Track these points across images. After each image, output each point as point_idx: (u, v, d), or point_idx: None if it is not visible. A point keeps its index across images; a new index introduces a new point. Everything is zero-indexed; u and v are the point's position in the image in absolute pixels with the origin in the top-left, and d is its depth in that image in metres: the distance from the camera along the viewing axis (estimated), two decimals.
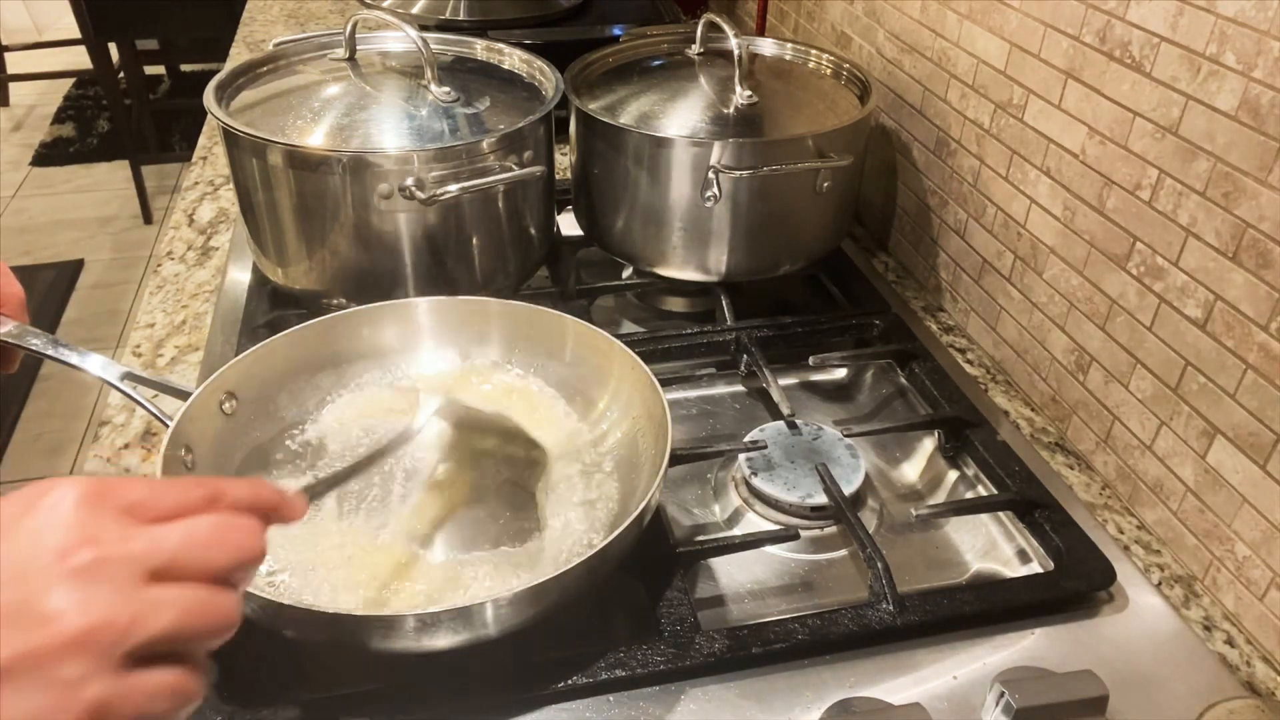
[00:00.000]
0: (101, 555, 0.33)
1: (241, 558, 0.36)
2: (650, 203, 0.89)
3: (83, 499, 0.34)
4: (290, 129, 0.80)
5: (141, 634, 0.33)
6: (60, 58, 3.73)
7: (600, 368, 0.74)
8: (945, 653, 0.62)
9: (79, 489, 0.34)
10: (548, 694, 0.58)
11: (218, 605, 0.35)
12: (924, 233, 1.02)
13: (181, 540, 0.35)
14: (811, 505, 0.73)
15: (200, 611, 0.34)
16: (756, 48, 1.04)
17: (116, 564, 0.33)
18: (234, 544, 0.36)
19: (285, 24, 1.72)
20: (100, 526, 0.34)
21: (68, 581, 0.32)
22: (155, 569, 0.34)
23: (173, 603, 0.34)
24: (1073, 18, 0.76)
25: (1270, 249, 0.61)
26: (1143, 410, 0.73)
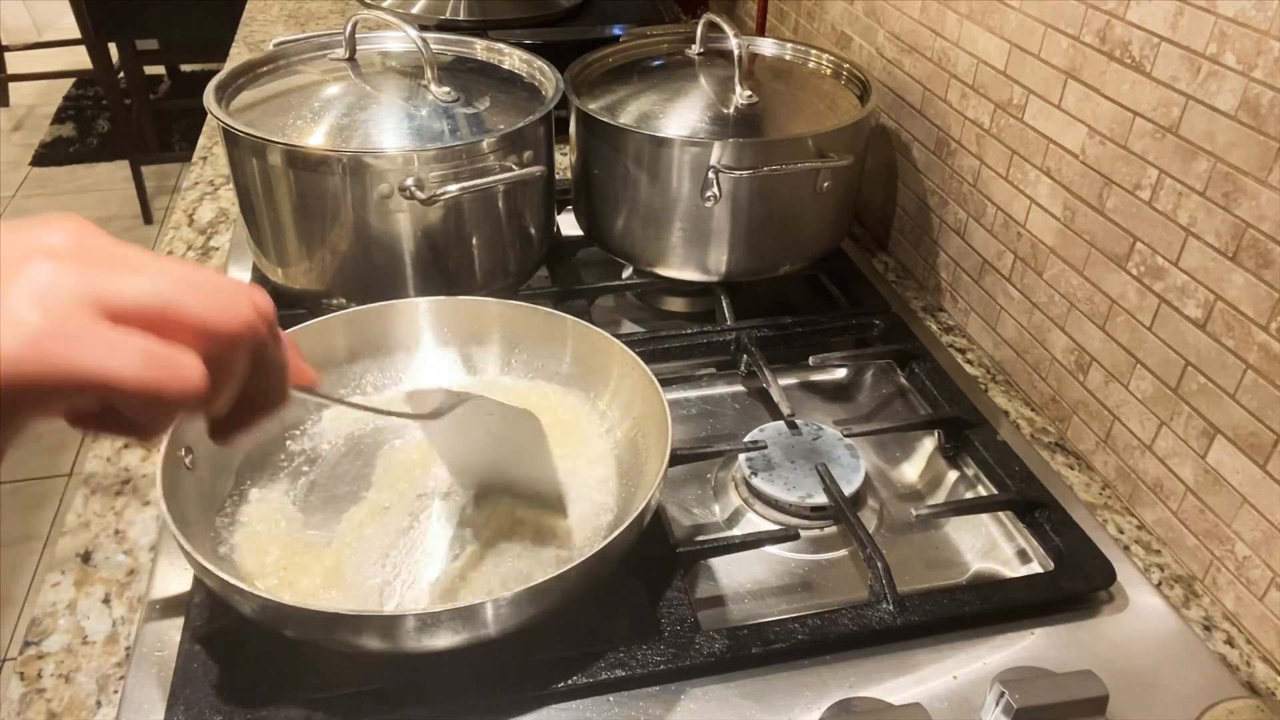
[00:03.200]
0: (65, 273, 0.29)
1: (223, 326, 0.32)
2: (650, 203, 0.89)
3: (81, 224, 0.31)
4: (290, 129, 0.80)
5: (75, 366, 0.28)
6: (60, 58, 3.72)
7: (600, 368, 0.74)
8: (945, 653, 0.62)
9: (78, 221, 0.31)
10: (548, 694, 0.58)
11: (175, 362, 0.30)
12: (924, 233, 1.02)
13: (153, 284, 0.31)
14: (811, 505, 0.73)
15: (158, 364, 0.30)
16: (756, 48, 1.04)
17: (79, 284, 0.29)
18: (209, 306, 0.32)
19: (285, 24, 1.72)
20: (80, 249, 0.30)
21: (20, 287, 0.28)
22: (119, 308, 0.30)
23: (124, 346, 0.29)
24: (1073, 18, 0.76)
25: (1270, 249, 0.61)
26: (1143, 410, 0.73)
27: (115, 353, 0.29)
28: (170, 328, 0.31)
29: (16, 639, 1.81)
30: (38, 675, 0.60)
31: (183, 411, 0.31)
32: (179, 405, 0.31)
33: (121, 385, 0.29)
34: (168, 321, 0.31)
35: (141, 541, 0.69)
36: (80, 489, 0.74)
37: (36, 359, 0.28)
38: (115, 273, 0.30)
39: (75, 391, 0.29)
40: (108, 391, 0.29)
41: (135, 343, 0.30)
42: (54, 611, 0.64)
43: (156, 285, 0.31)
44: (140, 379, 0.29)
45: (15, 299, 0.28)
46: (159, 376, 0.30)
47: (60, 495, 2.12)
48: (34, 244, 0.30)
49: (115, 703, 0.58)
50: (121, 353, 0.29)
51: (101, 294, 0.30)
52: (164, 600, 0.64)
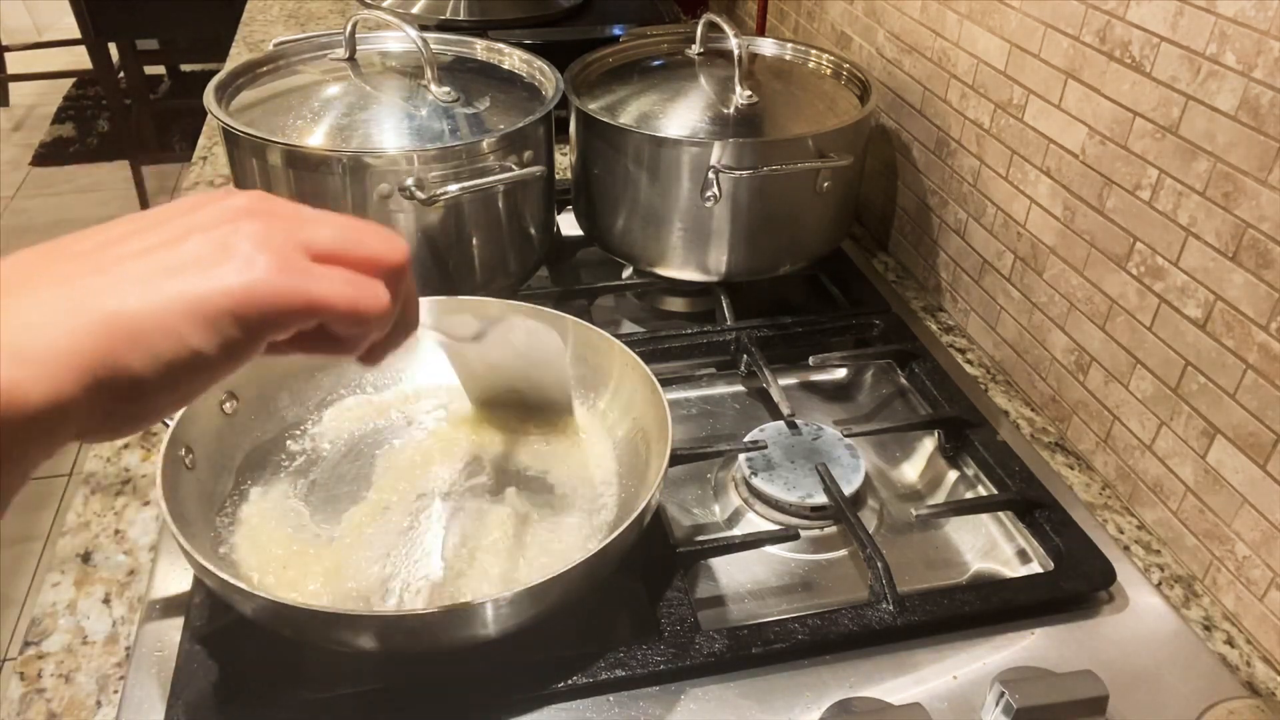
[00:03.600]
0: (271, 224, 0.35)
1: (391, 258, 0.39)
2: (650, 203, 0.89)
3: (258, 191, 0.38)
4: (290, 129, 0.80)
5: (304, 293, 0.35)
6: (60, 58, 3.72)
7: (600, 368, 0.74)
8: (945, 653, 0.62)
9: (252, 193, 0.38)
10: (548, 694, 0.58)
11: (371, 286, 0.37)
12: (924, 233, 1.02)
13: (336, 229, 0.37)
14: (811, 505, 0.73)
15: (360, 288, 0.36)
16: (756, 48, 1.04)
17: (284, 232, 0.35)
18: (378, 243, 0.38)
19: (285, 24, 1.72)
20: (270, 208, 0.37)
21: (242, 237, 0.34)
22: (317, 250, 0.36)
23: (333, 276, 0.36)
24: (1073, 18, 0.76)
25: (1270, 249, 0.61)
26: (1143, 410, 0.73)
27: (331, 282, 0.36)
28: (355, 263, 0.37)
29: (16, 639, 1.81)
30: (38, 675, 0.60)
31: (374, 328, 0.38)
32: (377, 321, 0.37)
33: (339, 307, 0.36)
34: (353, 258, 0.37)
35: (141, 541, 0.69)
36: (80, 489, 0.74)
37: (277, 286, 0.34)
38: (306, 222, 0.37)
39: (305, 313, 0.35)
40: (328, 312, 0.35)
41: (341, 274, 0.36)
42: (54, 611, 0.64)
43: (340, 229, 0.37)
44: (352, 301, 0.36)
45: (244, 246, 0.34)
46: (364, 298, 0.36)
47: (60, 495, 2.11)
48: (232, 206, 0.36)
49: (115, 703, 0.58)
50: (335, 282, 0.36)
51: (304, 239, 0.36)
52: (164, 600, 0.64)
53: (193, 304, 0.32)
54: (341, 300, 0.36)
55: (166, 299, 0.32)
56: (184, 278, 0.33)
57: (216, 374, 0.34)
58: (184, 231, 0.34)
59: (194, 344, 0.32)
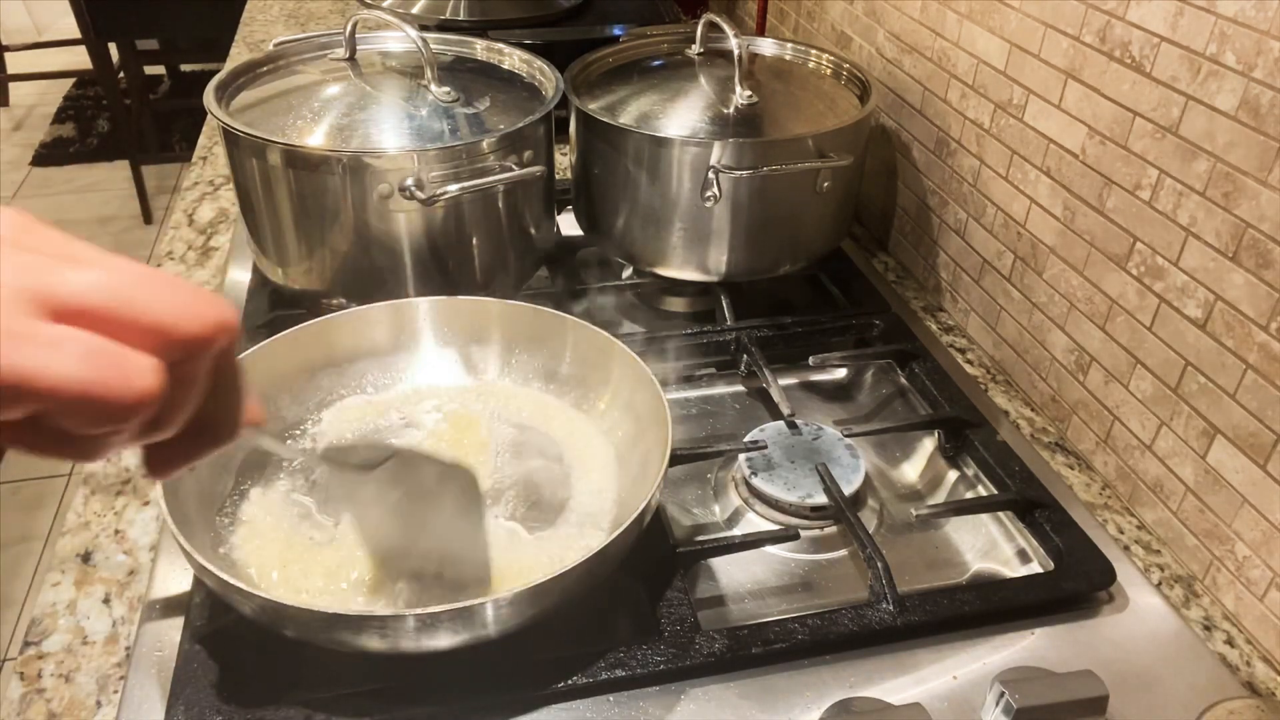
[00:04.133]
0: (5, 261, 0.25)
1: (187, 328, 0.28)
2: (650, 203, 0.89)
3: (22, 213, 0.28)
4: (290, 129, 0.80)
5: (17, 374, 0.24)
6: (60, 58, 3.72)
7: (600, 368, 0.74)
8: (945, 653, 0.62)
9: (18, 211, 0.28)
10: (548, 694, 0.58)
11: (127, 364, 0.26)
12: (924, 233, 1.02)
13: (104, 278, 0.27)
14: (811, 505, 0.73)
15: (104, 363, 0.26)
16: (756, 48, 1.04)
17: (16, 274, 0.25)
18: (170, 305, 0.28)
19: (285, 24, 1.72)
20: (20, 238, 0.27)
21: None
22: (63, 305, 0.26)
23: (63, 342, 0.25)
24: (1073, 18, 0.76)
25: (1270, 249, 0.61)
26: (1143, 410, 0.73)
27: (56, 351, 0.25)
28: (121, 327, 0.27)
29: (16, 639, 1.81)
30: (38, 675, 0.60)
31: (129, 422, 0.27)
32: (127, 413, 0.26)
33: (58, 387, 0.25)
34: (119, 320, 0.27)
35: (141, 541, 0.69)
36: (80, 489, 0.74)
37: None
38: (60, 265, 0.27)
39: (8, 394, 0.25)
40: (45, 395, 0.25)
41: (80, 341, 0.26)
42: (54, 611, 0.64)
43: (107, 279, 0.27)
44: (81, 380, 0.25)
45: None
46: (104, 378, 0.26)
47: (60, 495, 2.12)
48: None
49: (115, 703, 0.58)
50: (64, 352, 0.25)
51: (44, 287, 0.26)
52: (164, 600, 0.64)
53: None
54: (65, 379, 0.25)
55: None
56: None
57: None
58: None
59: None
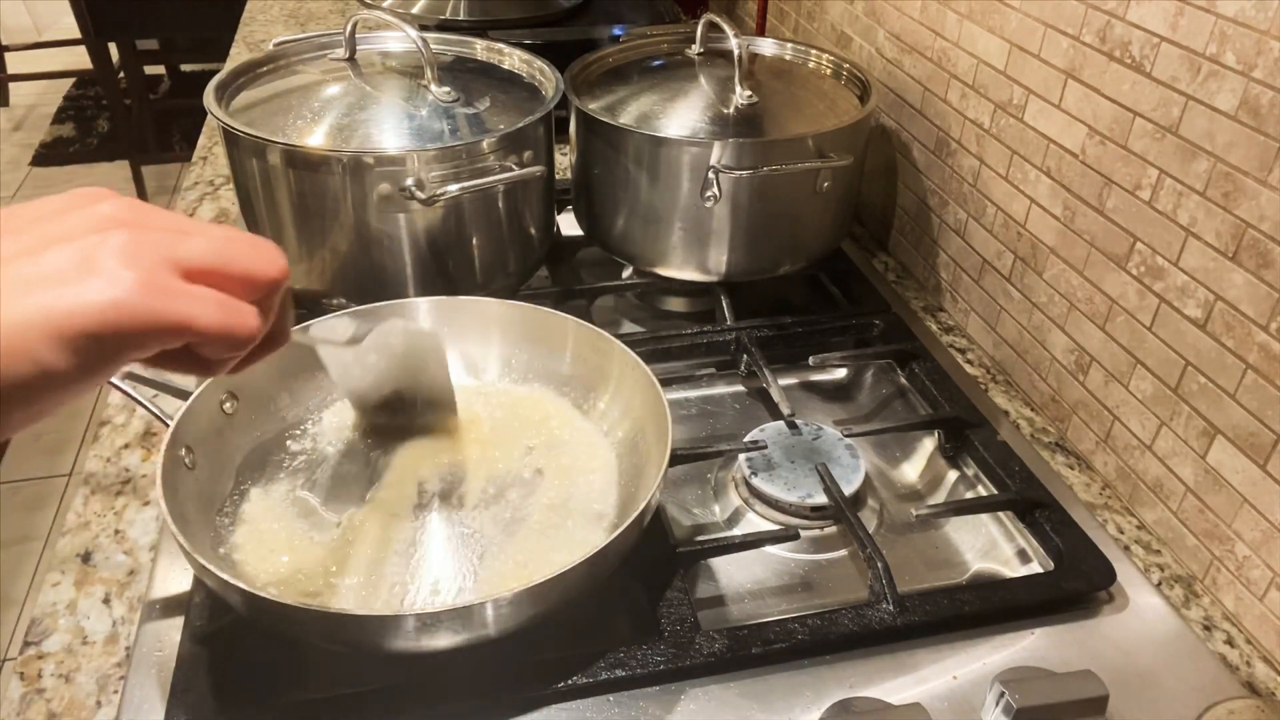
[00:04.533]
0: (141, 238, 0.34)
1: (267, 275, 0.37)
2: (650, 203, 0.89)
3: (122, 198, 0.36)
4: (290, 129, 0.80)
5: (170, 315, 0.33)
6: (60, 58, 3.72)
7: (600, 368, 0.74)
8: (945, 653, 0.62)
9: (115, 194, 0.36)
10: (548, 694, 0.58)
11: (242, 310, 0.36)
12: (924, 233, 1.02)
13: (210, 244, 0.36)
14: (811, 505, 0.73)
15: (230, 311, 0.35)
16: (756, 48, 1.04)
17: (154, 247, 0.34)
18: (255, 259, 0.37)
19: (285, 24, 1.72)
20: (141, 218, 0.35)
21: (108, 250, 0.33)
22: (189, 267, 0.35)
23: (203, 297, 0.35)
24: (1073, 18, 0.76)
25: (1270, 249, 0.61)
26: (1143, 410, 0.73)
27: (198, 303, 0.34)
28: (228, 280, 0.36)
29: (16, 639, 1.81)
30: (38, 675, 0.60)
31: (244, 350, 0.37)
32: (245, 344, 0.36)
33: (206, 330, 0.34)
34: (226, 275, 0.36)
35: (141, 541, 0.69)
36: (80, 489, 0.74)
37: (141, 307, 0.32)
38: (179, 236, 0.35)
39: (170, 335, 0.34)
40: (195, 335, 0.34)
41: (211, 294, 0.35)
42: (54, 611, 0.64)
43: (214, 245, 0.36)
44: (220, 324, 0.35)
45: (109, 260, 0.32)
46: (233, 321, 0.35)
47: (60, 495, 2.11)
48: (100, 214, 0.34)
49: (115, 703, 0.58)
50: (202, 303, 0.34)
51: (175, 254, 0.34)
52: (164, 600, 0.64)
53: (49, 322, 0.31)
54: (210, 324, 0.34)
55: (20, 316, 0.31)
56: (41, 293, 0.31)
57: (72, 393, 0.33)
58: (45, 240, 0.33)
59: (48, 364, 0.31)
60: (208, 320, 0.34)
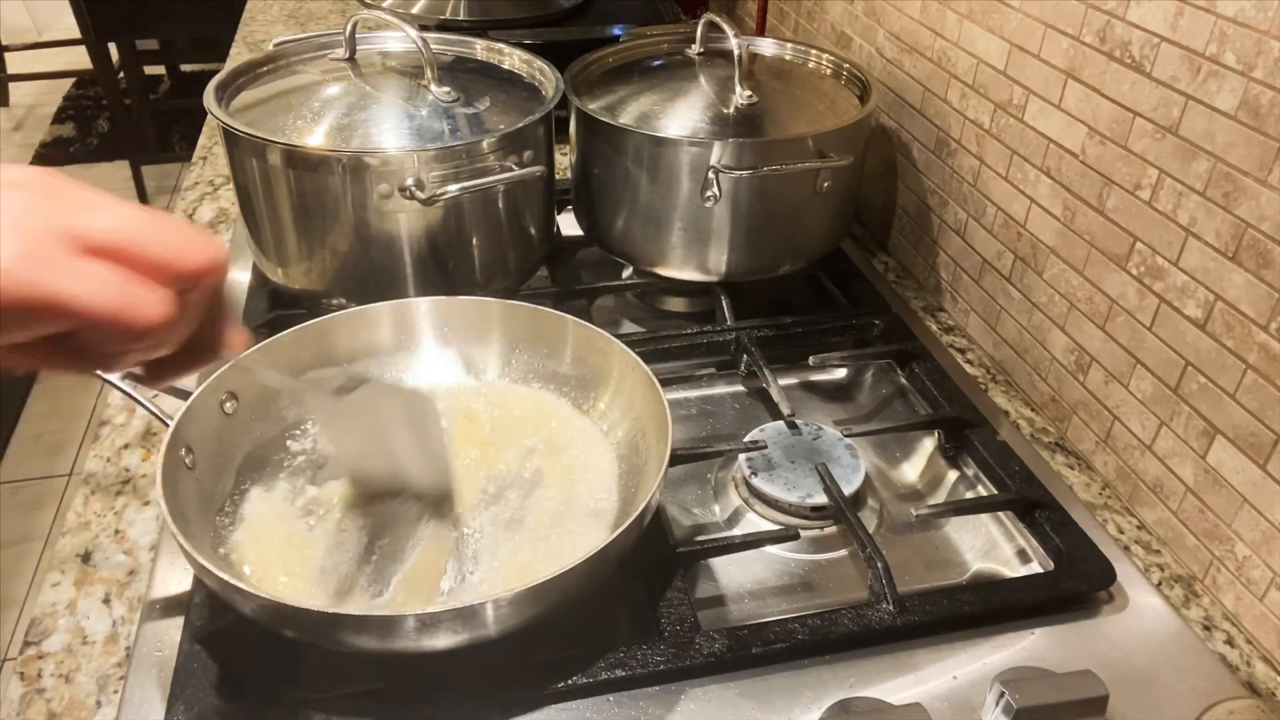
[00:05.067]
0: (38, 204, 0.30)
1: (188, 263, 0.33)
2: (650, 203, 0.89)
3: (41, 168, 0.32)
4: (290, 129, 0.80)
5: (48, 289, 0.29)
6: (60, 58, 3.73)
7: (600, 368, 0.74)
8: (945, 653, 0.62)
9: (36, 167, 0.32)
10: (548, 694, 0.58)
11: (142, 294, 0.31)
12: (924, 233, 1.02)
13: (119, 221, 0.32)
14: (811, 505, 0.73)
15: (126, 294, 0.31)
16: (756, 48, 1.04)
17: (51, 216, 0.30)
18: (173, 244, 0.33)
19: (285, 24, 1.72)
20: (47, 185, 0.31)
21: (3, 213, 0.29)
22: (90, 243, 0.30)
23: (93, 274, 0.30)
24: (1073, 18, 0.76)
25: (1270, 249, 0.61)
26: (1143, 410, 0.73)
27: (89, 281, 0.30)
28: (136, 263, 0.31)
29: (16, 639, 1.81)
30: (38, 675, 0.60)
31: (143, 342, 0.32)
32: (144, 336, 0.31)
33: (95, 312, 0.30)
34: (134, 257, 0.31)
35: (141, 541, 0.69)
36: (80, 489, 0.74)
37: (18, 280, 0.28)
38: (84, 209, 0.31)
39: (50, 315, 0.29)
40: (80, 317, 0.30)
41: (107, 273, 0.30)
42: (54, 611, 0.64)
43: (123, 222, 0.32)
44: (113, 307, 0.30)
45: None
46: (129, 305, 0.31)
47: (60, 495, 2.12)
48: (2, 178, 0.30)
49: (115, 703, 0.58)
50: (95, 281, 0.30)
51: (73, 227, 0.30)
52: (164, 600, 0.64)
53: None
54: (98, 305, 0.30)
55: None
56: None
57: None
58: None
59: None
60: (96, 301, 0.30)
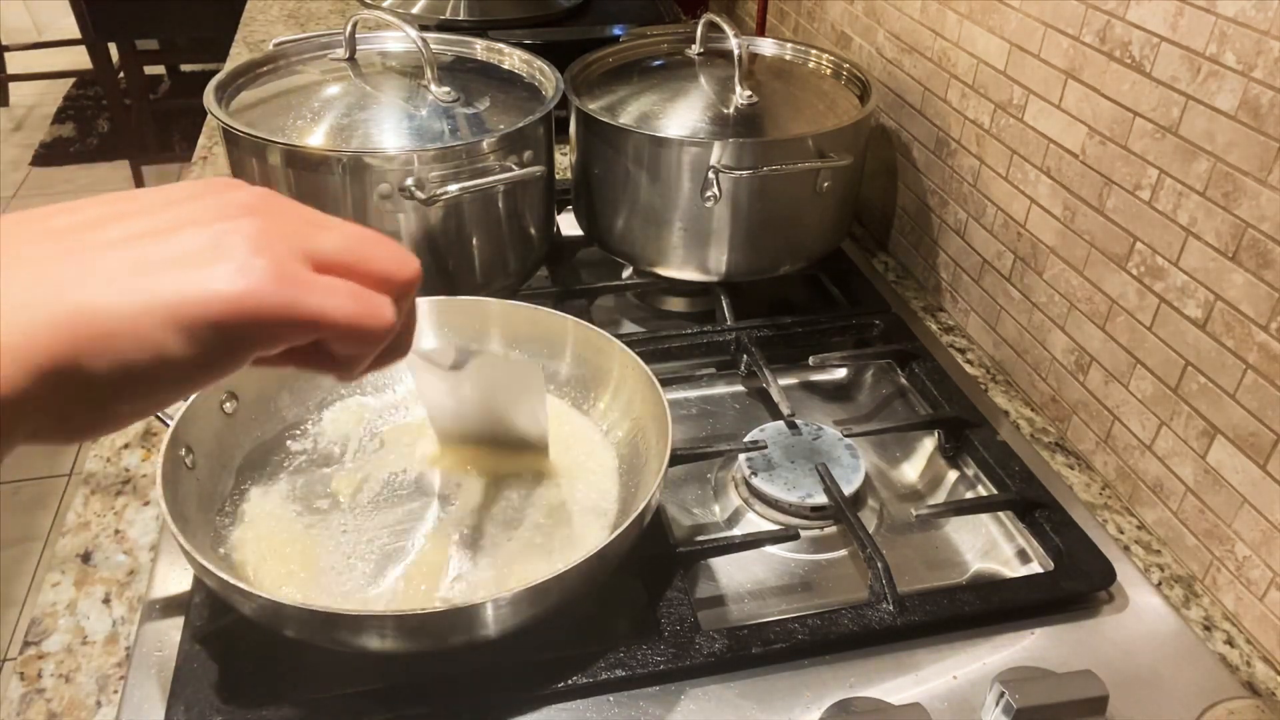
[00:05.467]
0: (274, 227, 0.32)
1: (402, 273, 0.36)
2: (650, 203, 0.89)
3: (261, 188, 0.34)
4: (290, 129, 0.80)
5: (303, 307, 0.32)
6: (60, 58, 3.72)
7: (600, 368, 0.74)
8: (945, 653, 0.62)
9: (252, 186, 0.35)
10: (548, 694, 0.58)
11: (376, 302, 0.34)
12: (924, 233, 1.02)
13: (344, 238, 0.35)
14: (811, 505, 0.73)
15: (365, 303, 0.34)
16: (756, 48, 1.04)
17: (288, 237, 0.33)
18: (389, 257, 0.36)
19: (285, 24, 1.72)
20: (274, 207, 0.34)
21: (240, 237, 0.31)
22: (322, 259, 0.33)
23: (336, 288, 0.33)
24: (1073, 18, 0.76)
25: (1270, 249, 0.61)
26: (1143, 410, 0.73)
27: (332, 295, 0.33)
28: (364, 276, 0.34)
29: (16, 639, 1.81)
30: (38, 675, 0.60)
31: (379, 345, 0.35)
32: (380, 338, 0.35)
33: (339, 323, 0.33)
34: (362, 271, 0.34)
35: (141, 541, 0.69)
36: (80, 489, 0.74)
37: (272, 298, 0.31)
38: (313, 228, 0.34)
39: (302, 328, 0.32)
40: (327, 328, 0.33)
41: (345, 286, 0.33)
42: (54, 611, 0.64)
43: (348, 239, 0.35)
44: (353, 317, 0.33)
45: (240, 247, 0.31)
46: (366, 314, 0.34)
47: (60, 495, 2.12)
48: (234, 200, 0.33)
49: (115, 703, 0.58)
50: (337, 295, 0.33)
51: (307, 246, 0.33)
52: (164, 600, 0.64)
53: (171, 308, 0.29)
54: (344, 316, 0.33)
55: (143, 299, 0.29)
56: (166, 276, 0.29)
57: (192, 386, 0.31)
58: (176, 223, 0.31)
59: (168, 352, 0.29)
60: (342, 313, 0.33)
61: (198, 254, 0.30)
